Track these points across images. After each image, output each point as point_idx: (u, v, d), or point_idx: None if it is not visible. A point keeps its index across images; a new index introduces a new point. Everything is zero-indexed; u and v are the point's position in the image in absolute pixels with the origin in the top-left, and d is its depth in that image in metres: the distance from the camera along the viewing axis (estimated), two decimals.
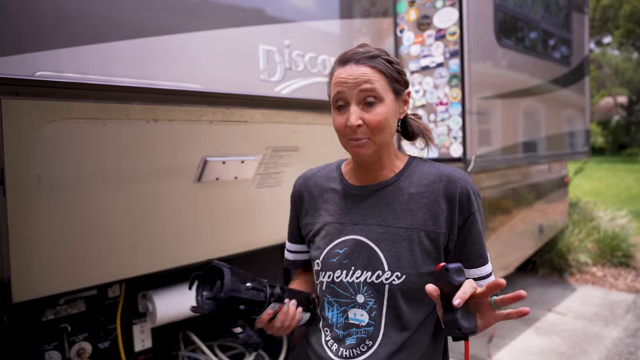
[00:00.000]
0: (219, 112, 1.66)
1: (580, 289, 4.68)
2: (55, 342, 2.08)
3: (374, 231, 1.03)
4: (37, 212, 1.47)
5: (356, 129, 0.96)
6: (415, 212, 1.02)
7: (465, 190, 1.01)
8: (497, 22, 3.10)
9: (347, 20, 2.65)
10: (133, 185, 1.68)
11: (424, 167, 1.08)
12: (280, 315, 1.01)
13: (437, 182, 1.03)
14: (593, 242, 5.56)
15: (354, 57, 0.98)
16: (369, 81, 0.96)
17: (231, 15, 2.03)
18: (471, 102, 2.75)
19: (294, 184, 1.21)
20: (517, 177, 3.93)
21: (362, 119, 0.96)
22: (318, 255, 1.09)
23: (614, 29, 19.80)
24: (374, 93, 0.96)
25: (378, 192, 1.06)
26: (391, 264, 1.00)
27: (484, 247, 1.04)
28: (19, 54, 1.33)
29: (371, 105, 0.96)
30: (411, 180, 1.05)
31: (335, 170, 1.16)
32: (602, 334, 3.61)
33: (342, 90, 0.97)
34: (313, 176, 1.18)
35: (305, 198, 1.17)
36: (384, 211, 1.04)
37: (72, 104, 1.27)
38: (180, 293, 2.27)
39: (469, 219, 1.01)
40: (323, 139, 2.22)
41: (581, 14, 4.62)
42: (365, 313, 1.02)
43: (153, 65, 1.72)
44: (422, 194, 1.03)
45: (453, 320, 0.84)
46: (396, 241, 1.01)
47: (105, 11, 1.60)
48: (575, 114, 4.53)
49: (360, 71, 0.96)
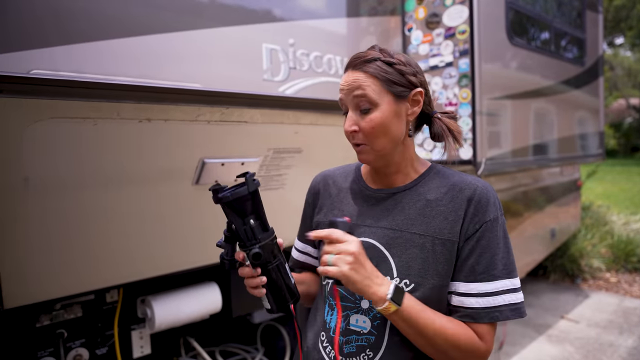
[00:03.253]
0: (217, 112, 1.60)
1: (594, 295, 4.56)
2: (51, 348, 2.03)
3: (386, 235, 0.99)
4: (25, 215, 1.41)
5: (353, 135, 0.98)
6: (431, 219, 0.97)
7: (483, 197, 0.96)
8: (509, 20, 3.01)
9: (353, 19, 2.58)
10: (128, 188, 1.62)
11: (445, 174, 1.04)
12: (244, 270, 0.97)
13: (457, 191, 0.98)
14: (606, 247, 5.45)
15: (352, 63, 0.98)
16: (360, 87, 0.95)
17: (233, 12, 1.98)
18: (481, 103, 2.67)
19: (313, 181, 1.21)
20: (528, 180, 3.85)
21: (358, 125, 0.97)
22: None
23: (627, 29, 19.54)
24: (365, 99, 0.95)
25: (395, 195, 1.03)
26: (401, 271, 0.96)
27: (495, 261, 0.93)
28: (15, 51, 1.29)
29: (366, 111, 0.96)
30: (430, 186, 1.02)
31: (354, 171, 1.15)
32: (617, 342, 3.50)
33: (341, 97, 0.99)
34: (332, 174, 1.18)
35: (321, 195, 1.16)
36: (399, 216, 1.00)
37: (59, 102, 1.21)
38: (179, 298, 2.21)
39: (482, 228, 0.94)
40: (327, 140, 2.15)
41: (595, 13, 4.51)
42: (368, 320, 0.98)
43: (149, 64, 1.67)
44: (440, 201, 0.98)
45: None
46: (408, 247, 0.96)
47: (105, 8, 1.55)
48: (589, 115, 4.42)
49: (353, 77, 0.96)
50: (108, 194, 1.60)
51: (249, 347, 2.75)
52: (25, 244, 1.49)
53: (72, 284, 1.69)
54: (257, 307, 2.51)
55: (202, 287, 2.31)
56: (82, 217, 1.57)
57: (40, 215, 1.47)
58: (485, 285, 0.93)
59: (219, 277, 2.39)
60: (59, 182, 1.44)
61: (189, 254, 1.93)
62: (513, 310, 0.92)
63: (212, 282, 2.34)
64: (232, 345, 2.75)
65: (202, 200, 1.87)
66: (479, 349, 0.92)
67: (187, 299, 2.23)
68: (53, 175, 1.40)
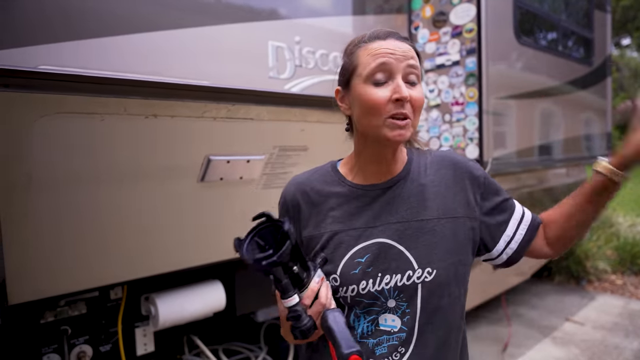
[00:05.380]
0: (223, 109, 1.59)
1: (599, 297, 4.52)
2: (55, 345, 2.03)
3: (395, 229, 0.95)
4: (30, 211, 1.41)
5: (405, 104, 0.87)
6: (431, 202, 0.97)
7: (467, 169, 1.02)
8: (517, 19, 2.99)
9: (360, 17, 2.57)
10: (133, 184, 1.62)
11: (423, 155, 1.05)
12: (323, 289, 0.89)
13: (443, 168, 1.01)
14: (612, 248, 5.41)
15: (392, 34, 0.92)
16: (413, 57, 0.91)
17: (239, 10, 1.97)
18: (488, 102, 2.65)
19: (285, 192, 1.04)
20: (533, 181, 3.82)
21: (410, 95, 0.88)
22: (334, 270, 0.96)
23: (634, 30, 19.40)
24: (417, 71, 0.91)
25: (390, 188, 0.98)
26: (420, 261, 0.93)
27: (505, 195, 1.06)
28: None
29: (414, 84, 0.91)
30: (419, 170, 1.01)
31: (331, 172, 1.04)
32: (622, 345, 3.47)
33: (388, 62, 0.88)
34: (307, 181, 1.04)
35: (302, 207, 1.01)
36: (401, 207, 0.97)
37: (66, 97, 1.21)
38: (183, 296, 2.21)
39: (483, 188, 1.02)
40: (333, 138, 2.13)
41: (603, 12, 4.47)
42: (397, 318, 0.94)
43: (156, 60, 1.67)
44: (433, 182, 0.99)
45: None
46: (420, 235, 0.94)
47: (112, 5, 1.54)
48: (596, 116, 4.39)
49: (406, 47, 0.91)
50: (113, 190, 1.59)
51: (252, 345, 2.75)
52: (30, 240, 1.48)
53: (77, 280, 1.69)
54: (261, 305, 2.50)
55: (206, 285, 2.30)
56: (87, 213, 1.57)
57: (46, 212, 1.46)
58: (516, 216, 1.05)
59: (223, 275, 2.38)
60: (65, 178, 1.43)
61: (193, 252, 1.93)
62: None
63: (216, 281, 2.33)
64: (236, 343, 2.74)
65: (206, 198, 1.86)
66: None
67: (191, 297, 2.22)
68: (59, 171, 1.39)
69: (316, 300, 0.87)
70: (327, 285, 0.91)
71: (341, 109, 1.01)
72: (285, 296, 0.84)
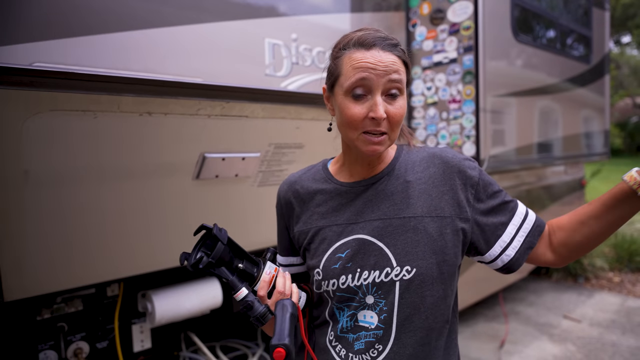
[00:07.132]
0: (218, 106, 1.59)
1: (596, 294, 4.53)
2: (52, 342, 2.04)
3: (376, 226, 0.96)
4: (25, 208, 1.41)
5: (381, 122, 0.88)
6: (415, 200, 0.96)
7: (459, 168, 0.99)
8: (514, 17, 2.98)
9: (357, 14, 2.57)
10: (128, 182, 1.62)
11: (414, 152, 1.03)
12: (279, 279, 0.96)
13: (432, 166, 0.99)
14: (610, 246, 5.42)
15: (378, 42, 0.89)
16: (397, 71, 0.88)
17: (236, 6, 1.96)
18: (485, 100, 2.64)
19: (279, 192, 1.11)
20: (531, 179, 3.82)
21: (386, 111, 0.88)
22: (317, 264, 1.00)
23: (634, 28, 19.36)
24: (400, 85, 0.89)
25: (373, 185, 0.99)
26: (399, 259, 0.93)
27: (505, 197, 1.02)
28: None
29: (395, 97, 0.89)
30: (405, 167, 1.00)
31: (321, 170, 1.08)
32: (619, 342, 3.48)
33: (368, 77, 0.87)
34: (299, 180, 1.09)
35: (294, 205, 1.07)
36: (383, 204, 0.97)
37: (59, 94, 1.20)
38: (180, 293, 2.21)
39: (477, 188, 0.99)
40: (329, 135, 2.14)
41: (602, 10, 4.46)
42: (375, 315, 0.95)
43: (151, 57, 1.66)
44: (420, 180, 0.98)
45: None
46: (400, 233, 0.94)
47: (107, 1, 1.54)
48: (594, 113, 4.39)
49: (390, 59, 0.88)
50: (108, 188, 1.59)
51: (249, 342, 2.76)
52: (26, 237, 1.48)
53: (73, 277, 1.69)
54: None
55: (203, 282, 2.30)
56: (82, 210, 1.57)
57: (41, 209, 1.46)
58: (518, 217, 1.02)
59: None
60: (59, 175, 1.43)
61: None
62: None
63: (212, 277, 2.34)
64: (233, 340, 2.75)
65: (202, 195, 1.87)
66: None
67: (188, 293, 2.23)
68: (53, 168, 1.40)
69: (274, 290, 0.95)
70: (285, 275, 0.98)
71: (327, 107, 1.04)
72: (234, 292, 0.93)
